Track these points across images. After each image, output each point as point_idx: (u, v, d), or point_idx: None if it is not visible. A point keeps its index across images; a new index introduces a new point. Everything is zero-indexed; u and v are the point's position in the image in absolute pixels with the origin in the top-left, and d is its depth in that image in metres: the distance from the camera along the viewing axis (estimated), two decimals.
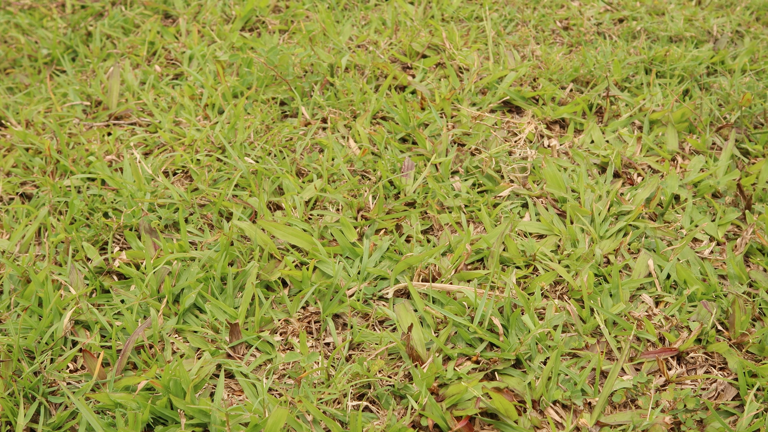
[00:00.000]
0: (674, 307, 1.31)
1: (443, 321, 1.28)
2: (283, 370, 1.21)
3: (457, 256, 1.39)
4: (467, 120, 1.79)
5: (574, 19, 2.24)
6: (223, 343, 1.25)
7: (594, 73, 1.96)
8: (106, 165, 1.63)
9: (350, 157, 1.66)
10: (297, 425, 1.11)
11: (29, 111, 1.81)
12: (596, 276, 1.38)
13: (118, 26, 2.17)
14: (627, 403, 1.18)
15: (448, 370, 1.18)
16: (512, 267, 1.39)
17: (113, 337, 1.22)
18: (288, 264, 1.37)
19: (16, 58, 2.04)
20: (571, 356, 1.24)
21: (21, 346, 1.21)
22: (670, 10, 2.28)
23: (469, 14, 2.24)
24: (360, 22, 2.21)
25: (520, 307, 1.29)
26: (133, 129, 1.79)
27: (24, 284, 1.35)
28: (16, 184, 1.61)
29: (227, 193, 1.55)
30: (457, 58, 2.00)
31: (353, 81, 1.90)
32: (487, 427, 1.14)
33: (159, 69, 1.99)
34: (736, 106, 1.85)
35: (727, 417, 1.16)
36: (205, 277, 1.34)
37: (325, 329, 1.29)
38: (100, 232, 1.46)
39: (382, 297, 1.34)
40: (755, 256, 1.44)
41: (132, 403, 1.12)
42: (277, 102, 1.86)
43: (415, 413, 1.13)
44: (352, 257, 1.40)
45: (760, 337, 1.26)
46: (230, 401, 1.17)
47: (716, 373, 1.23)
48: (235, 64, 1.99)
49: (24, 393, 1.15)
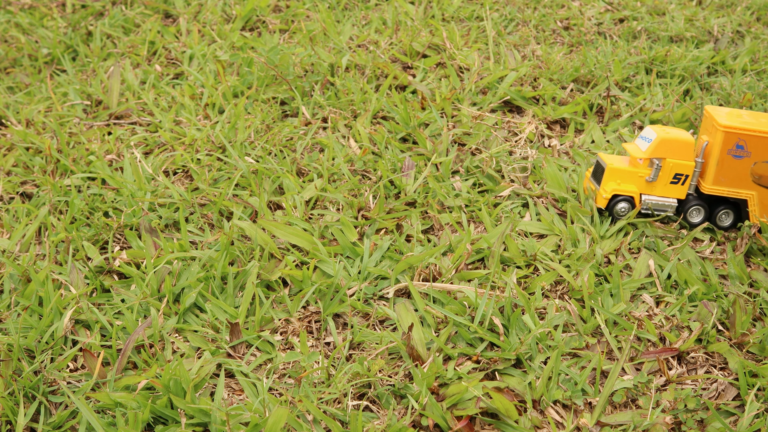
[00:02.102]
0: (675, 307, 1.31)
1: (444, 321, 1.28)
2: (284, 370, 1.21)
3: (458, 255, 1.39)
4: (468, 120, 1.79)
5: (575, 19, 2.24)
6: (223, 342, 1.25)
7: (594, 73, 1.96)
8: (106, 164, 1.63)
9: (351, 157, 1.66)
10: (297, 425, 1.11)
11: (29, 110, 1.81)
12: (597, 276, 1.38)
13: (119, 26, 2.17)
14: (627, 403, 1.18)
15: (449, 370, 1.18)
16: (513, 267, 1.39)
17: (113, 337, 1.22)
18: (288, 263, 1.37)
19: (16, 58, 2.04)
20: (572, 356, 1.24)
21: (21, 346, 1.21)
22: (671, 10, 2.28)
23: (470, 14, 2.24)
24: (360, 21, 2.21)
25: (521, 307, 1.29)
26: (134, 128, 1.79)
27: (24, 283, 1.35)
28: (16, 184, 1.61)
29: (227, 193, 1.55)
30: (458, 58, 1.99)
31: (354, 81, 1.90)
32: (487, 426, 1.14)
33: (159, 68, 1.99)
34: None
35: (727, 417, 1.16)
36: (206, 277, 1.34)
37: (325, 329, 1.29)
38: (100, 231, 1.46)
39: (382, 297, 1.34)
40: (756, 256, 1.45)
41: (132, 403, 1.12)
42: (277, 101, 1.86)
43: (415, 413, 1.13)
44: (353, 257, 1.40)
45: (761, 337, 1.26)
46: (230, 401, 1.17)
47: (717, 373, 1.23)
48: (235, 63, 1.99)
49: (24, 392, 1.15)
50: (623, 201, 1.49)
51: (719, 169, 1.47)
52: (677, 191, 1.50)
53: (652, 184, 1.50)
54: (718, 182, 1.48)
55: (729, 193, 1.48)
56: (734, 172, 1.47)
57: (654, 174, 1.49)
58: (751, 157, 1.46)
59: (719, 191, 1.48)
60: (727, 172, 1.47)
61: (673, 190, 1.50)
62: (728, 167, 1.47)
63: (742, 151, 1.46)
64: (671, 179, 1.49)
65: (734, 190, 1.48)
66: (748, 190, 1.48)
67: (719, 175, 1.48)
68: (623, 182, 1.50)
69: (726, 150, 1.46)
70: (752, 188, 1.48)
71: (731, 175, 1.47)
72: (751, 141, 1.45)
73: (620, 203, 1.49)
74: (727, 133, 1.45)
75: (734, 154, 1.46)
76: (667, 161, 1.48)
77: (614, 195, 1.48)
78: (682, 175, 1.49)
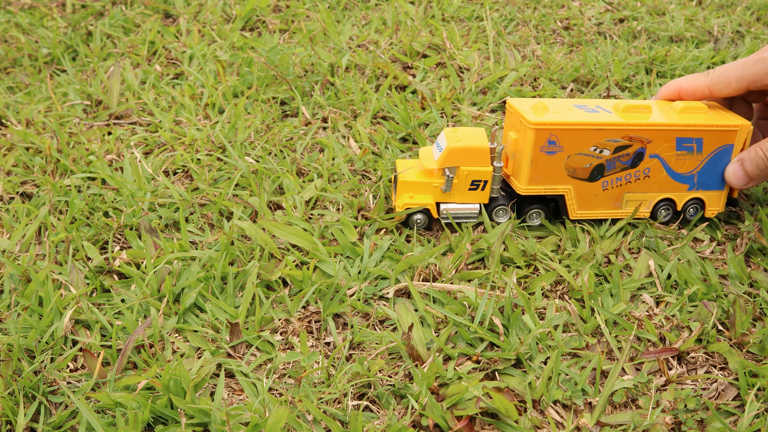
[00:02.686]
0: (675, 307, 1.31)
1: (444, 321, 1.28)
2: (284, 370, 1.21)
3: (458, 255, 1.39)
4: (468, 120, 1.79)
5: (575, 19, 2.24)
6: (223, 342, 1.25)
7: (594, 72, 1.96)
8: (106, 164, 1.63)
9: (351, 157, 1.66)
10: (297, 425, 1.11)
11: (29, 110, 1.81)
12: (597, 276, 1.38)
13: (119, 26, 2.17)
14: (627, 402, 1.18)
15: (449, 370, 1.18)
16: (513, 267, 1.39)
17: (113, 337, 1.22)
18: (288, 263, 1.37)
19: (16, 58, 2.04)
20: (572, 356, 1.24)
21: (21, 346, 1.21)
22: (671, 10, 2.28)
23: (470, 14, 2.24)
24: (360, 21, 2.21)
25: (521, 307, 1.29)
26: (134, 128, 1.79)
27: (24, 283, 1.35)
28: (16, 184, 1.61)
29: (227, 193, 1.55)
30: (458, 58, 2.00)
31: (354, 81, 1.90)
32: (487, 426, 1.14)
33: (159, 68, 1.99)
34: None
35: (727, 417, 1.16)
36: (206, 277, 1.34)
37: (325, 329, 1.29)
38: (100, 231, 1.46)
39: (382, 297, 1.34)
40: (756, 256, 1.45)
41: (132, 403, 1.12)
42: (277, 101, 1.86)
43: (415, 413, 1.13)
44: (353, 257, 1.40)
45: (761, 337, 1.26)
46: (230, 401, 1.17)
47: (717, 373, 1.23)
48: (235, 63, 1.99)
49: (24, 392, 1.15)
50: (418, 213, 1.44)
51: (534, 168, 1.41)
52: (479, 197, 1.45)
53: (450, 193, 1.44)
54: (533, 182, 1.42)
55: (546, 190, 1.43)
56: (549, 168, 1.42)
57: (447, 184, 1.42)
58: (564, 151, 1.41)
59: (536, 191, 1.43)
60: (542, 170, 1.42)
61: (473, 196, 1.44)
62: (543, 164, 1.41)
63: (554, 146, 1.40)
64: (469, 186, 1.43)
65: (551, 187, 1.43)
66: (564, 185, 1.44)
67: (534, 174, 1.42)
68: (416, 194, 1.45)
69: (539, 148, 1.40)
70: (568, 182, 1.44)
71: (546, 172, 1.42)
72: (562, 135, 1.39)
73: (415, 215, 1.44)
74: (538, 130, 1.38)
75: (547, 151, 1.40)
76: (461, 170, 1.42)
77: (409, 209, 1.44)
78: (480, 181, 1.43)
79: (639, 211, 1.48)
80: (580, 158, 1.42)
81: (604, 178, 1.44)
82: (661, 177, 1.46)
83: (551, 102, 1.47)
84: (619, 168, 1.44)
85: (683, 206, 1.50)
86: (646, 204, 1.48)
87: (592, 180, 1.44)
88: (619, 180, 1.45)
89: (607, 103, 1.48)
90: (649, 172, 1.45)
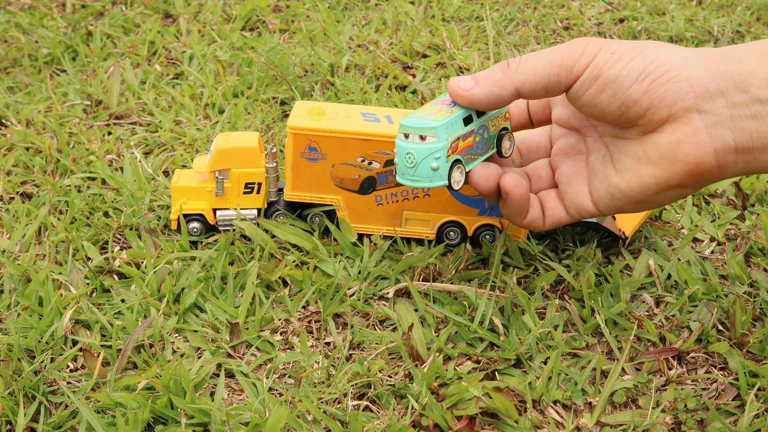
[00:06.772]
0: (675, 306, 1.31)
1: (444, 320, 1.28)
2: (284, 370, 1.21)
3: (458, 255, 1.39)
4: None
5: (575, 19, 2.24)
6: (223, 342, 1.25)
7: None
8: (106, 164, 1.63)
9: None
10: (297, 425, 1.11)
11: (29, 110, 1.81)
12: (597, 276, 1.38)
13: (119, 26, 2.17)
14: (627, 402, 1.18)
15: (449, 370, 1.18)
16: (513, 267, 1.39)
17: (113, 337, 1.22)
18: (288, 263, 1.37)
19: (16, 58, 2.04)
20: (572, 356, 1.24)
21: (21, 346, 1.21)
22: (671, 10, 2.28)
23: (470, 14, 2.24)
24: (360, 21, 2.21)
25: (521, 307, 1.29)
26: (134, 128, 1.79)
27: (24, 283, 1.35)
28: (16, 184, 1.61)
29: None
30: (458, 58, 1.99)
31: (354, 80, 1.90)
32: (487, 426, 1.14)
33: (159, 68, 1.99)
34: None
35: (727, 417, 1.16)
36: (206, 277, 1.34)
37: (325, 329, 1.29)
38: (100, 231, 1.46)
39: (382, 296, 1.34)
40: (756, 256, 1.44)
41: (132, 403, 1.12)
42: (277, 101, 1.86)
43: (415, 413, 1.13)
44: (353, 257, 1.40)
45: (761, 337, 1.26)
46: (230, 401, 1.17)
47: (717, 373, 1.23)
48: (235, 63, 1.99)
49: (24, 392, 1.15)
50: (193, 221, 1.41)
51: (295, 173, 1.36)
52: (254, 200, 1.41)
53: (224, 197, 1.41)
54: (297, 188, 1.37)
55: (312, 198, 1.39)
56: (313, 176, 1.36)
57: (218, 187, 1.39)
58: (327, 160, 1.35)
59: (301, 197, 1.39)
60: (305, 177, 1.36)
61: (249, 200, 1.41)
62: (305, 171, 1.36)
63: (316, 153, 1.34)
64: (243, 190, 1.40)
65: (318, 195, 1.38)
66: (332, 194, 1.38)
67: (297, 179, 1.37)
68: (190, 199, 1.41)
69: (299, 153, 1.34)
70: (336, 192, 1.38)
71: (311, 179, 1.36)
72: (323, 142, 1.33)
73: (190, 223, 1.41)
74: (296, 135, 1.33)
75: (308, 157, 1.34)
76: (233, 172, 1.39)
77: (183, 215, 1.40)
78: (254, 184, 1.39)
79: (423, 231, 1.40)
80: (347, 168, 1.36)
81: (377, 192, 1.37)
82: (445, 197, 1.37)
83: (333, 107, 1.39)
84: (393, 183, 1.37)
85: (474, 232, 1.40)
86: (430, 225, 1.40)
87: (363, 192, 1.37)
88: (394, 195, 1.37)
89: (400, 113, 1.39)
90: (429, 190, 1.37)
